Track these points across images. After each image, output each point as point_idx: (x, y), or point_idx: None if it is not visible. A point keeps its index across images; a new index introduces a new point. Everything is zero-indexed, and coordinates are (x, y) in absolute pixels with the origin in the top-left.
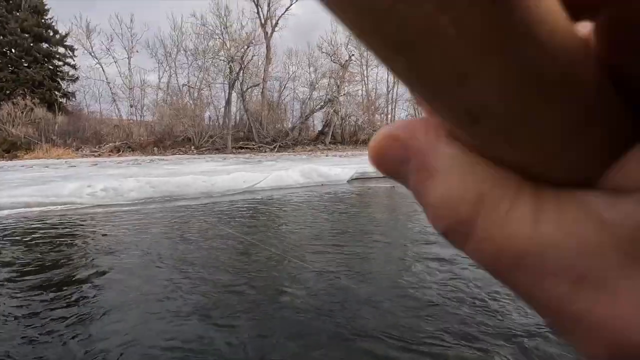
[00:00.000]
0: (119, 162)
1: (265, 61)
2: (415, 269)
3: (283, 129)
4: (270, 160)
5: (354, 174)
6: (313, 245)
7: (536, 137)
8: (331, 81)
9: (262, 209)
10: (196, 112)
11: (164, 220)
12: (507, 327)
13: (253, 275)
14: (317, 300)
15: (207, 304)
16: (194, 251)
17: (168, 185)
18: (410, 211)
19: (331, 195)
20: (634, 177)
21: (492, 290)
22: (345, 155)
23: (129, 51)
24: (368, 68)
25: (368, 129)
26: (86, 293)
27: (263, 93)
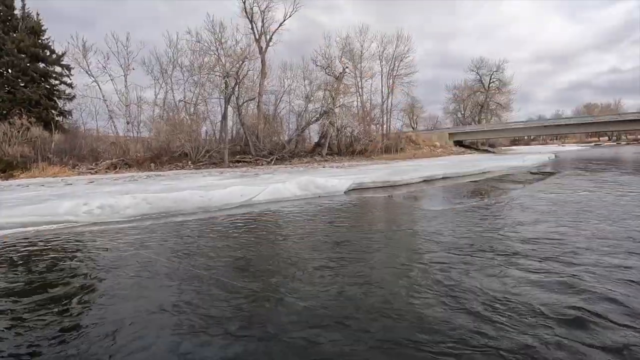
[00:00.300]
0: (115, 179)
1: (260, 75)
2: (418, 275)
3: (279, 141)
4: (267, 173)
5: (351, 185)
6: (311, 258)
7: None
8: (326, 93)
9: (259, 222)
10: (193, 127)
11: (159, 236)
12: (512, 339)
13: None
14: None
15: (206, 315)
16: (187, 267)
17: (165, 201)
18: (408, 219)
19: (328, 206)
20: None
21: (501, 297)
22: (342, 166)
23: (125, 69)
24: (362, 79)
25: (364, 140)
26: (81, 310)
27: (259, 107)
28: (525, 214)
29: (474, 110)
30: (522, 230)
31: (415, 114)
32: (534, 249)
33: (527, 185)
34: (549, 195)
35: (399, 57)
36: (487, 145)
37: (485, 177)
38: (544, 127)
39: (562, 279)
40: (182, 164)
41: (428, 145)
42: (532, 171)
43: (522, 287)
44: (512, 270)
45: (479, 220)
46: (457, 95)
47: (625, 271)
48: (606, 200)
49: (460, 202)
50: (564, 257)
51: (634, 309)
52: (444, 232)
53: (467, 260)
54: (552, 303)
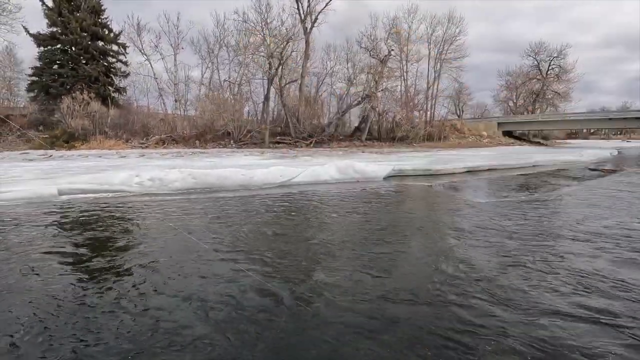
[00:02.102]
0: (163, 153)
1: (303, 57)
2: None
3: (319, 124)
4: (307, 155)
5: (391, 171)
6: (346, 243)
7: None
8: (369, 77)
9: (298, 202)
10: (236, 107)
11: (205, 209)
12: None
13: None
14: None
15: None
16: (230, 238)
17: (209, 177)
18: (448, 210)
19: (366, 191)
20: None
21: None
22: (381, 152)
23: (175, 48)
24: (408, 63)
25: (406, 126)
26: (134, 268)
27: (301, 88)
28: (578, 211)
29: (528, 99)
30: (572, 226)
31: (462, 101)
32: (580, 246)
33: (583, 182)
34: (607, 193)
35: (449, 39)
36: (540, 137)
37: (537, 170)
38: (609, 119)
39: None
40: (224, 142)
41: (474, 135)
42: (590, 167)
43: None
44: (557, 268)
45: (527, 215)
46: (509, 82)
47: None
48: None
49: (507, 195)
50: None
51: None
52: (487, 226)
53: (508, 258)
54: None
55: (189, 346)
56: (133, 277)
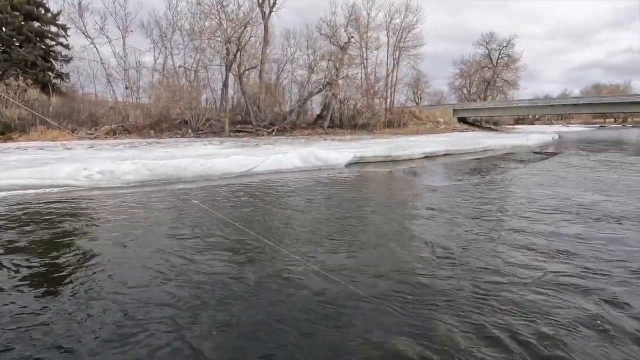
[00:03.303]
0: (115, 144)
1: (263, 42)
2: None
3: (281, 112)
4: (268, 143)
5: (353, 158)
6: (307, 230)
7: None
8: (330, 64)
9: (259, 191)
10: (193, 95)
11: (160, 202)
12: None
13: (243, 262)
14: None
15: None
16: (185, 235)
17: (165, 168)
18: (407, 194)
19: (329, 178)
20: None
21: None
22: (344, 139)
23: (123, 31)
24: (367, 51)
25: (367, 113)
26: (75, 272)
27: (261, 75)
28: (525, 190)
29: (480, 86)
30: (515, 205)
31: (420, 88)
32: (529, 217)
33: (528, 165)
34: (550, 173)
35: (407, 28)
36: (491, 123)
37: (488, 155)
38: (550, 106)
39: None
40: (182, 131)
41: (431, 121)
42: (535, 150)
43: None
44: (487, 226)
45: (477, 196)
46: (464, 70)
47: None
48: (604, 178)
49: (461, 179)
50: (549, 227)
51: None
52: (443, 207)
53: (460, 230)
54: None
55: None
56: (72, 283)
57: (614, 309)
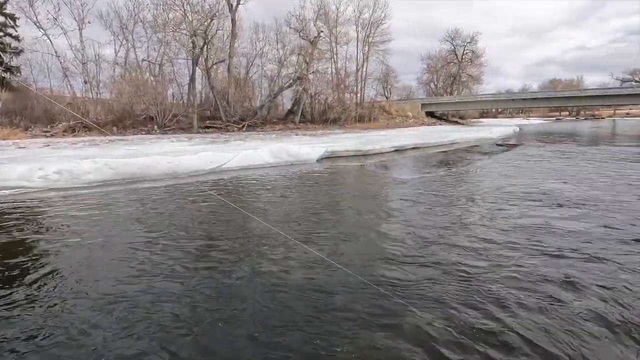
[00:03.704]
0: (74, 142)
1: (230, 36)
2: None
3: (251, 107)
4: (238, 139)
5: (324, 153)
6: (281, 225)
7: None
8: (300, 58)
9: (230, 188)
10: (158, 89)
11: (123, 203)
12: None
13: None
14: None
15: (166, 288)
16: (152, 235)
17: (129, 167)
18: (379, 187)
19: (300, 174)
20: None
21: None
22: (315, 134)
23: (80, 22)
24: (337, 45)
25: (338, 108)
26: (30, 283)
27: (229, 70)
28: (490, 179)
29: (447, 81)
30: (482, 194)
31: (390, 83)
32: (493, 202)
33: (491, 156)
34: (511, 163)
35: (375, 23)
36: (458, 117)
37: (454, 147)
38: (512, 100)
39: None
40: (147, 128)
41: (401, 115)
42: (498, 143)
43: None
44: (456, 213)
45: (446, 187)
46: (431, 65)
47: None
48: (561, 168)
49: (429, 171)
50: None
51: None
52: (414, 198)
53: (433, 219)
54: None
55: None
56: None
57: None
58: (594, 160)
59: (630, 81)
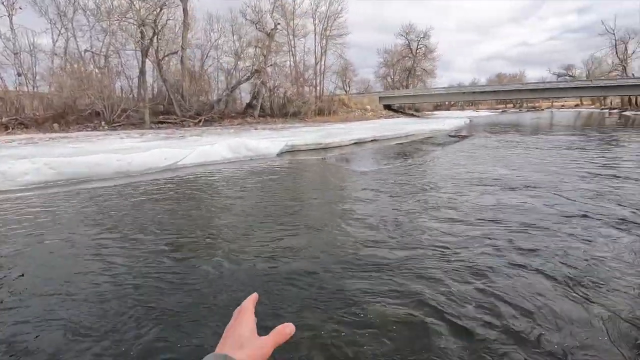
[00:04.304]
0: (8, 141)
1: (183, 26)
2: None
3: (208, 101)
4: (195, 135)
5: (284, 147)
6: (241, 224)
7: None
8: (257, 51)
9: (186, 185)
10: (104, 83)
11: (66, 205)
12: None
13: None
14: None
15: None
16: (98, 241)
17: (74, 166)
18: (340, 179)
19: (260, 169)
20: None
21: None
22: (275, 128)
23: (9, 7)
24: (295, 38)
25: (297, 101)
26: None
27: (183, 62)
28: (444, 168)
29: (403, 75)
30: (439, 181)
31: (348, 77)
32: (450, 189)
33: (445, 147)
34: (464, 153)
35: (332, 16)
36: (413, 109)
37: (411, 139)
38: (463, 93)
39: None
40: (93, 124)
41: (360, 109)
42: (450, 134)
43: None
44: (419, 199)
45: (405, 176)
46: (387, 59)
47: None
48: (508, 155)
49: (389, 162)
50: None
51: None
52: (375, 187)
53: (395, 205)
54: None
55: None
56: None
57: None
58: (536, 148)
59: (565, 75)
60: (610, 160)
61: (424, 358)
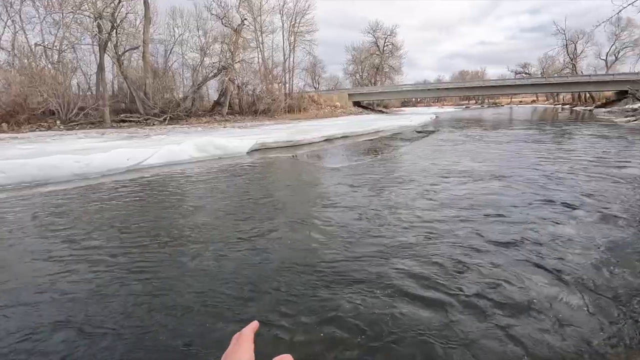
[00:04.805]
0: None
1: (144, 20)
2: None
3: (173, 99)
4: (160, 134)
5: (254, 145)
6: (210, 226)
7: None
8: (224, 47)
9: (151, 187)
10: (58, 79)
11: (16, 211)
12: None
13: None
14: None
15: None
16: (54, 244)
17: (26, 169)
18: (312, 176)
19: (230, 168)
20: None
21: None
22: (244, 126)
23: None
24: (263, 35)
25: (267, 99)
26: None
27: (145, 58)
28: (412, 161)
29: (371, 72)
30: (410, 174)
31: (317, 74)
32: (399, 180)
33: (413, 142)
34: (431, 147)
35: (300, 12)
36: (382, 106)
37: (379, 135)
38: (428, 90)
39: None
40: (48, 124)
41: (329, 106)
42: (417, 130)
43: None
44: (393, 192)
45: (377, 170)
46: (355, 56)
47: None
48: (473, 149)
49: (360, 158)
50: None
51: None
52: (349, 182)
53: (370, 198)
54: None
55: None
56: None
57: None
58: (498, 142)
59: (522, 73)
60: (565, 152)
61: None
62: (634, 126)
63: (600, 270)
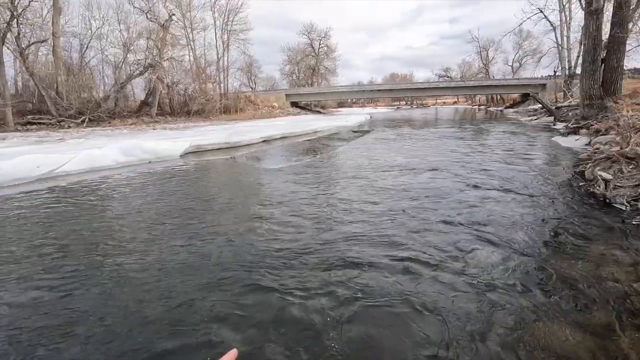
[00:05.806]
0: None
1: (53, 10)
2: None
3: (92, 98)
4: (77, 137)
5: (188, 148)
6: (140, 234)
7: None
8: (150, 43)
9: (67, 198)
10: None
11: None
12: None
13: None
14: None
15: None
16: None
17: None
18: (251, 179)
19: (161, 173)
20: None
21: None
22: (176, 127)
23: None
24: (193, 32)
25: (200, 99)
26: None
27: (55, 52)
28: (351, 160)
29: (307, 72)
30: (350, 171)
31: (254, 73)
32: (359, 175)
33: (350, 141)
34: (367, 146)
35: (233, 10)
36: (319, 106)
37: (318, 135)
38: (363, 91)
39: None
40: None
41: (267, 106)
42: (353, 130)
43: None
44: (337, 188)
45: (318, 169)
46: (291, 57)
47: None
48: (405, 146)
49: (300, 158)
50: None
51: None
52: (292, 179)
53: (313, 194)
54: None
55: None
56: None
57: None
58: (428, 139)
59: (445, 77)
60: (485, 147)
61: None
62: (535, 124)
63: (515, 231)
